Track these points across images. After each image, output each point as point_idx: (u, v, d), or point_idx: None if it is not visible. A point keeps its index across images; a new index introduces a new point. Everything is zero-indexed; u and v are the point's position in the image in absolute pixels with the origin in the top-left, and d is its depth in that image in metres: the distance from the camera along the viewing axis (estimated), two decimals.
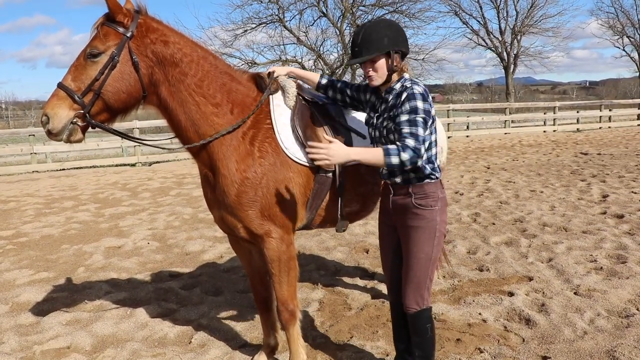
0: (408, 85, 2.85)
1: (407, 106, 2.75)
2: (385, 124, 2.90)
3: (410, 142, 2.65)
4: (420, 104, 2.74)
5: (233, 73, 3.29)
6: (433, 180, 2.95)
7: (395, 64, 2.87)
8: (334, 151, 2.66)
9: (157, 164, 16.69)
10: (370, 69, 2.89)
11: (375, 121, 3.01)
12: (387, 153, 2.63)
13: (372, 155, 2.69)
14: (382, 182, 3.13)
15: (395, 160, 2.63)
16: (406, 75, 2.95)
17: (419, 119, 2.72)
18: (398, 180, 2.95)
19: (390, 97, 2.92)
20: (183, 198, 10.35)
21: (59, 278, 5.80)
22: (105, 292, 5.25)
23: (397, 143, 2.69)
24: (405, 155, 2.63)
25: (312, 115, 3.34)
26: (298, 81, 3.46)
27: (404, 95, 2.80)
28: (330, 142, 2.71)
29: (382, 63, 2.86)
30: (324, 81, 3.41)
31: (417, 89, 2.79)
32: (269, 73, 3.41)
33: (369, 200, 3.53)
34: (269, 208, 3.16)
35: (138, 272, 5.90)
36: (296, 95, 3.34)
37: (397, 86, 2.91)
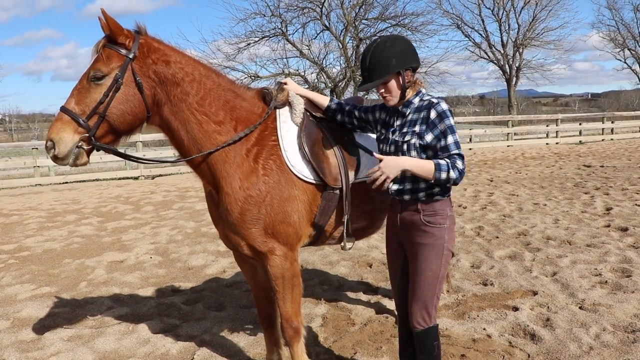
0: (434, 101, 2.85)
1: (444, 125, 2.78)
2: (407, 138, 2.86)
3: (459, 164, 2.73)
4: (452, 121, 2.81)
5: (237, 90, 3.28)
6: (443, 198, 2.93)
7: (407, 80, 2.87)
8: (387, 168, 2.73)
9: (160, 177, 16.72)
10: (383, 90, 2.89)
11: (389, 136, 2.97)
12: (437, 168, 2.70)
13: (423, 167, 2.74)
14: (391, 198, 3.10)
15: (444, 176, 2.71)
16: (422, 90, 2.96)
17: (458, 138, 2.79)
18: (407, 197, 2.93)
19: (409, 111, 2.92)
20: (186, 212, 10.34)
21: (60, 293, 5.78)
22: (107, 307, 5.23)
23: (447, 160, 2.74)
24: (453, 175, 2.71)
25: (319, 132, 3.32)
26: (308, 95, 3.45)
27: (433, 112, 2.81)
28: (380, 160, 2.78)
29: (393, 83, 2.86)
30: (333, 105, 3.39)
31: (445, 106, 2.83)
32: (281, 83, 3.39)
33: (376, 218, 3.52)
34: (272, 226, 3.14)
35: (140, 287, 5.88)
36: (303, 111, 3.33)
37: (416, 100, 2.92)
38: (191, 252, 7.24)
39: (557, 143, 23.68)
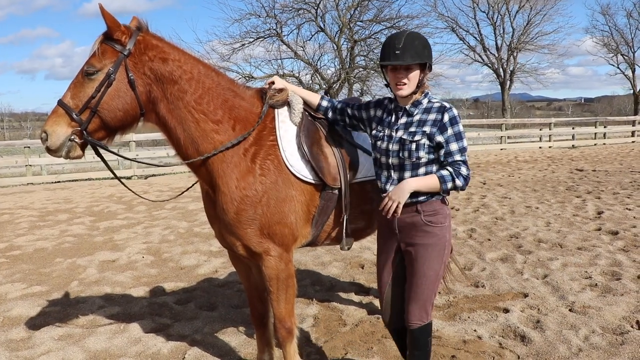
0: (447, 106, 2.86)
1: (452, 131, 2.82)
2: (416, 138, 2.82)
3: (463, 170, 2.78)
4: (461, 127, 2.85)
5: (236, 89, 3.26)
6: (441, 197, 2.92)
7: (424, 78, 2.87)
8: (396, 195, 2.81)
9: (152, 177, 16.67)
10: (405, 77, 2.82)
11: (393, 134, 2.92)
12: (442, 181, 2.77)
13: (429, 183, 2.80)
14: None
15: (450, 186, 2.78)
16: (429, 92, 2.96)
17: (465, 145, 2.83)
18: (407, 199, 2.86)
19: (417, 111, 2.90)
20: (178, 212, 10.32)
21: (52, 292, 5.76)
22: (98, 307, 5.22)
23: (449, 169, 2.79)
24: (459, 183, 2.78)
25: (318, 132, 3.32)
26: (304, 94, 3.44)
27: (446, 116, 2.82)
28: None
29: (416, 74, 2.83)
30: (324, 103, 3.37)
31: (456, 112, 2.87)
32: (269, 84, 3.37)
33: (374, 218, 3.51)
34: (268, 226, 3.12)
35: (132, 287, 5.86)
36: (302, 111, 3.31)
37: (424, 101, 2.91)
38: (183, 252, 7.23)
39: (550, 147, 23.82)
